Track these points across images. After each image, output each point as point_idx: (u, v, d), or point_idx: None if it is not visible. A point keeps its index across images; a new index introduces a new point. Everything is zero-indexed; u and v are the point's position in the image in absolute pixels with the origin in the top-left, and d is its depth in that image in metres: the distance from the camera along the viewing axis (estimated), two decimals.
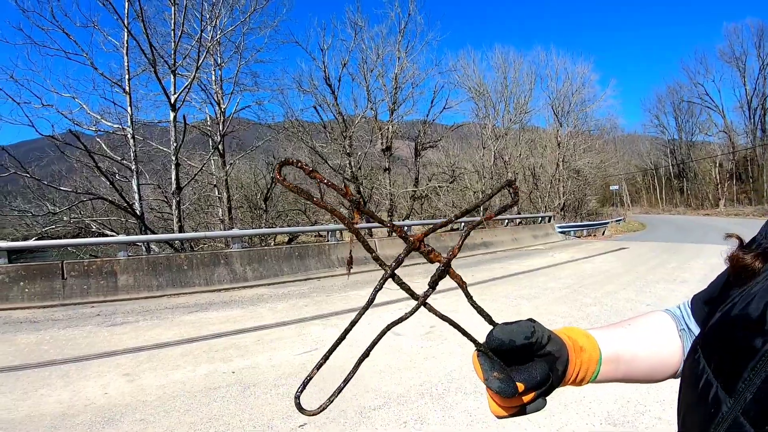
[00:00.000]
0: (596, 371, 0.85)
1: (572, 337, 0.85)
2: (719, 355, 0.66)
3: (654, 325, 0.95)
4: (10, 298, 10.02)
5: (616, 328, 0.93)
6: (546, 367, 0.76)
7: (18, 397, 5.02)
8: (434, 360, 5.77)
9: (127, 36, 17.20)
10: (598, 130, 50.75)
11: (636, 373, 0.91)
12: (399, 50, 29.44)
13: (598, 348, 0.86)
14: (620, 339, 0.91)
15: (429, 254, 0.68)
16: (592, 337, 0.87)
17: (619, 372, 0.89)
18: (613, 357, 0.88)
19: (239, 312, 8.89)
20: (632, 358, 0.89)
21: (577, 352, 0.83)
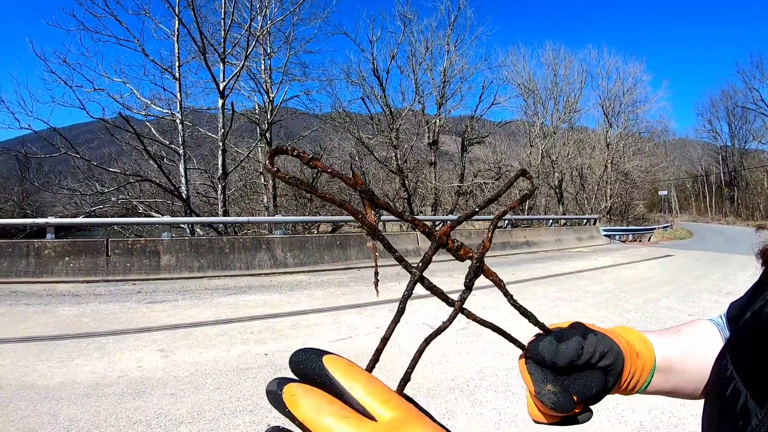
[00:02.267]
0: (648, 381, 0.78)
1: (629, 341, 0.77)
2: (750, 360, 0.58)
3: (702, 335, 0.86)
4: (55, 272, 10.29)
5: (670, 335, 0.85)
6: (602, 379, 0.70)
7: (54, 365, 5.13)
8: (467, 356, 5.70)
9: (178, 24, 17.45)
10: (648, 133, 49.61)
11: (685, 385, 0.83)
12: (448, 44, 29.27)
13: (654, 355, 0.79)
14: (673, 347, 0.83)
15: (458, 251, 0.59)
16: (650, 343, 0.80)
17: (668, 383, 0.81)
18: (665, 365, 0.80)
19: (277, 297, 8.94)
20: (683, 369, 0.82)
21: (633, 358, 0.75)
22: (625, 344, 0.75)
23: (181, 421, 3.91)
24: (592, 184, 40.87)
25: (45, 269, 10.34)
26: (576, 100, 39.64)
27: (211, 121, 21.90)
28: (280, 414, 0.41)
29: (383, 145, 29.26)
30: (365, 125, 29.79)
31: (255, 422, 3.90)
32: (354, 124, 28.72)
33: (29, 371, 4.98)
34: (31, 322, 6.89)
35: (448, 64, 29.25)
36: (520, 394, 4.54)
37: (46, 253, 10.55)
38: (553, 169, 36.99)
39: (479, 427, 3.89)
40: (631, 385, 0.76)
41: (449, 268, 12.54)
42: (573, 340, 0.69)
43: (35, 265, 10.35)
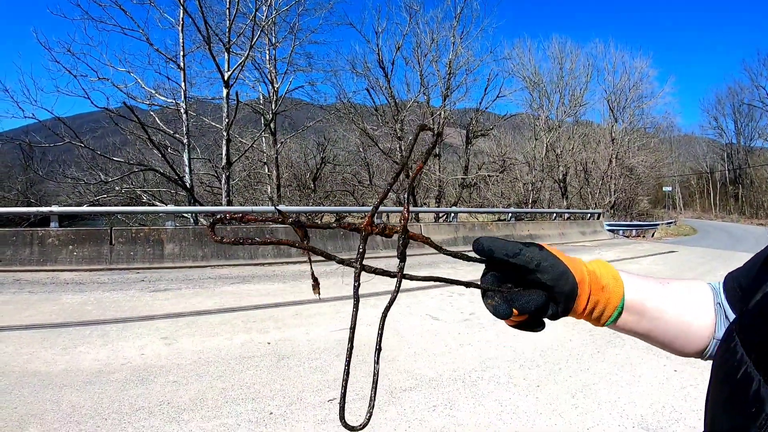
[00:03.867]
0: (614, 315, 0.80)
1: (595, 273, 0.80)
2: (763, 341, 0.56)
3: (691, 292, 0.86)
4: (59, 260, 10.31)
5: (651, 281, 0.86)
6: (543, 296, 0.74)
7: (57, 353, 5.15)
8: (470, 347, 5.70)
9: (182, 13, 17.44)
10: (653, 128, 49.40)
11: (659, 333, 0.84)
12: (454, 36, 29.14)
13: (622, 292, 0.80)
14: (651, 292, 0.83)
15: (384, 231, 0.68)
16: (621, 281, 0.81)
17: (641, 326, 0.83)
18: (638, 307, 0.81)
19: (280, 286, 8.95)
20: (659, 316, 0.82)
21: (596, 289, 0.78)
22: (586, 273, 0.78)
23: (183, 408, 3.91)
24: (597, 179, 40.79)
25: (49, 258, 10.36)
26: (581, 94, 39.51)
27: (215, 111, 21.89)
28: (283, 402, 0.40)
29: (388, 137, 29.22)
30: (370, 116, 29.74)
31: (257, 410, 3.90)
32: (359, 116, 28.69)
33: (32, 358, 4.99)
34: (35, 310, 6.91)
35: (453, 56, 29.14)
36: (522, 386, 4.54)
37: (50, 241, 10.57)
38: (557, 163, 36.91)
39: (481, 419, 3.89)
40: (595, 314, 0.80)
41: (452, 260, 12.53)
42: (514, 243, 0.74)
43: (39, 254, 10.37)
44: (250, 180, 28.60)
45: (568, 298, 0.75)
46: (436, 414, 3.94)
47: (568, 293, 0.75)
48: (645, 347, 5.76)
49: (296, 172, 30.53)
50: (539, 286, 0.74)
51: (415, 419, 3.83)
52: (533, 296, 0.74)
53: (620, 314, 0.81)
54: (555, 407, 4.09)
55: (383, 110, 29.46)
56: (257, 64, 23.35)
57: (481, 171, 34.13)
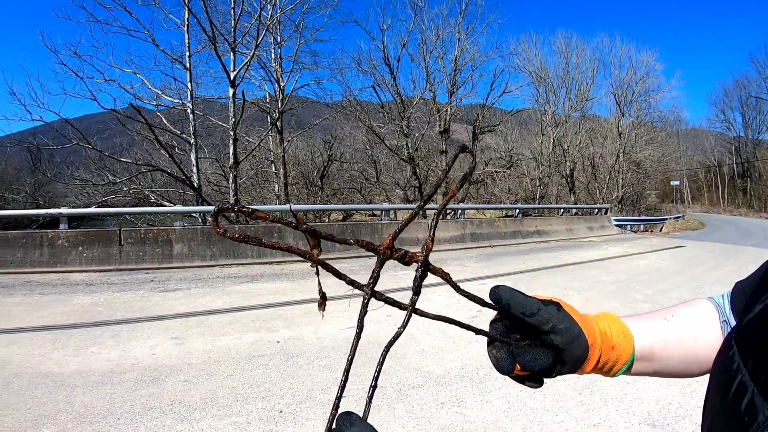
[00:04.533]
0: (624, 369, 0.81)
1: (606, 334, 0.80)
2: (759, 353, 0.57)
3: (696, 317, 0.88)
4: (69, 261, 10.39)
5: (656, 320, 0.88)
6: (551, 358, 0.74)
7: (69, 354, 5.21)
8: (477, 344, 5.71)
9: (187, 14, 17.45)
10: (661, 123, 49.14)
11: (670, 370, 0.86)
12: (459, 32, 29.06)
13: (632, 348, 0.81)
14: (658, 336, 0.85)
15: (404, 258, 0.64)
16: (630, 337, 0.82)
17: (651, 369, 0.85)
18: (647, 354, 0.83)
19: (289, 284, 9.00)
20: (667, 356, 0.84)
21: (607, 349, 0.79)
22: (598, 335, 0.78)
23: (194, 407, 3.96)
24: (604, 174, 40.64)
25: (59, 259, 10.44)
26: (588, 88, 39.39)
27: (222, 110, 21.95)
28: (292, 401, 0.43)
29: (394, 134, 29.19)
30: (376, 114, 29.69)
31: (267, 408, 3.95)
32: (365, 113, 28.65)
33: (45, 359, 5.06)
34: (46, 311, 6.98)
35: (459, 52, 29.08)
36: None
37: (60, 243, 10.66)
38: (564, 158, 36.81)
39: (488, 415, 3.92)
40: (605, 369, 0.80)
41: (460, 257, 12.57)
42: (533, 300, 0.73)
43: (49, 255, 10.45)
44: (258, 179, 28.67)
45: (578, 360, 0.76)
46: (444, 411, 3.97)
47: (578, 357, 0.75)
48: None
49: (303, 170, 30.60)
50: (550, 347, 0.74)
51: (423, 416, 3.87)
52: (540, 356, 0.74)
53: (630, 368, 0.82)
54: (562, 404, 4.11)
55: (389, 107, 29.41)
56: (263, 63, 23.40)
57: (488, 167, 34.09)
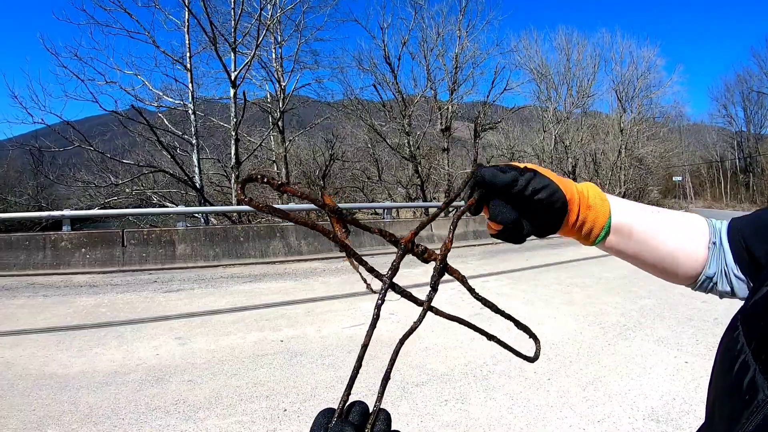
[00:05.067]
0: (602, 234, 0.87)
1: (584, 192, 0.87)
2: (762, 334, 0.57)
3: (684, 225, 0.91)
4: (72, 263, 10.42)
5: (643, 208, 0.92)
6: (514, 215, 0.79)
7: (74, 355, 5.23)
8: (481, 341, 5.68)
9: (187, 15, 17.48)
10: (662, 118, 48.92)
11: (647, 256, 0.90)
12: (460, 29, 29.02)
13: (608, 211, 0.87)
14: (640, 217, 0.90)
15: (423, 255, 0.66)
16: (607, 201, 0.88)
17: (629, 247, 0.90)
18: (626, 229, 0.88)
19: (292, 284, 9.01)
20: (646, 239, 0.88)
21: (584, 207, 0.85)
22: (576, 193, 0.85)
23: (199, 407, 3.97)
24: (606, 170, 40.56)
25: (62, 261, 10.47)
26: (589, 84, 39.25)
27: (223, 110, 21.97)
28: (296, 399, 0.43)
29: (396, 132, 29.17)
30: (377, 112, 29.68)
31: (271, 407, 3.96)
32: (366, 112, 28.64)
33: (49, 361, 5.07)
34: (50, 313, 7.00)
35: (459, 49, 29.04)
36: (533, 379, 4.57)
37: (63, 245, 10.68)
38: (566, 155, 36.76)
39: (492, 412, 3.92)
40: (584, 230, 0.87)
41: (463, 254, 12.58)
42: (511, 173, 0.77)
43: (52, 257, 10.48)
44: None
45: (558, 214, 0.82)
46: (447, 408, 3.98)
47: (557, 210, 0.81)
48: (655, 340, 5.78)
49: (305, 170, 30.61)
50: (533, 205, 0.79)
51: (427, 413, 3.87)
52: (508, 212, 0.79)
53: (608, 233, 0.88)
54: (566, 400, 4.12)
55: (391, 105, 29.40)
56: (264, 63, 23.40)
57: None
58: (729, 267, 0.84)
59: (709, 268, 0.86)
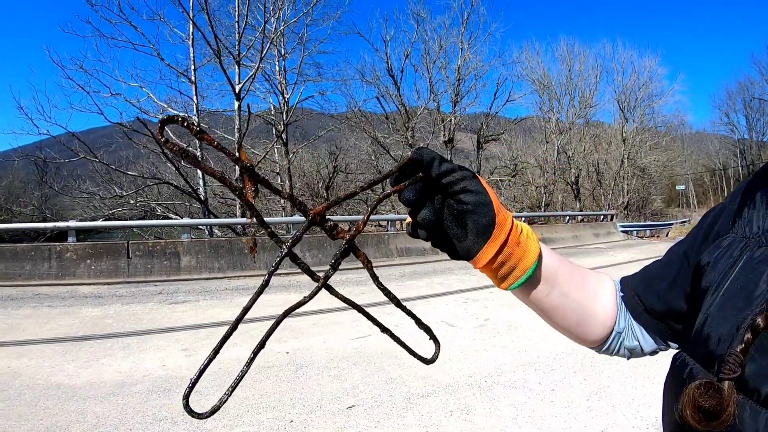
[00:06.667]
0: (523, 278, 0.78)
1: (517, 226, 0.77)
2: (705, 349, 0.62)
3: (601, 281, 0.90)
4: (77, 274, 10.47)
5: (564, 259, 0.87)
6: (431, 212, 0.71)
7: (80, 365, 5.26)
8: (485, 353, 5.74)
9: (192, 28, 17.65)
10: (665, 127, 48.97)
11: (565, 312, 0.85)
12: (462, 41, 29.24)
13: (538, 252, 0.79)
14: (565, 267, 0.85)
15: (332, 231, 0.64)
16: (538, 246, 0.79)
17: (548, 299, 0.83)
18: (551, 277, 0.82)
19: (297, 296, 9.00)
20: (567, 293, 0.83)
21: (513, 242, 0.75)
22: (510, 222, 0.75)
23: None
24: (609, 180, 40.53)
25: (67, 272, 10.52)
26: (591, 95, 39.36)
27: (227, 122, 22.11)
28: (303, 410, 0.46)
29: (399, 144, 29.30)
30: (381, 124, 29.84)
31: (278, 418, 3.98)
32: (369, 124, 28.79)
33: (56, 371, 5.10)
34: (56, 324, 7.03)
35: (462, 61, 29.21)
36: (537, 390, 4.58)
37: (68, 255, 10.73)
38: (569, 165, 36.78)
39: (497, 423, 3.94)
40: (504, 269, 0.77)
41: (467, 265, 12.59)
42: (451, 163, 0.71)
43: (57, 268, 10.53)
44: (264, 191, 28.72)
45: (481, 232, 0.72)
46: (453, 419, 3.99)
47: (482, 227, 0.72)
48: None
49: (309, 182, 30.69)
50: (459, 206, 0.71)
51: (432, 424, 3.89)
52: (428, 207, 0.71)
53: (530, 277, 0.78)
54: (570, 410, 4.13)
55: (394, 118, 29.56)
56: (267, 76, 23.58)
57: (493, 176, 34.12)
58: (633, 322, 0.87)
59: (619, 323, 0.87)
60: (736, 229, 0.71)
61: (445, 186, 0.70)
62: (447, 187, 0.70)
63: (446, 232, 0.75)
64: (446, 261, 14.15)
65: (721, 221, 0.75)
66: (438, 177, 0.69)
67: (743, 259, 0.65)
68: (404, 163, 0.68)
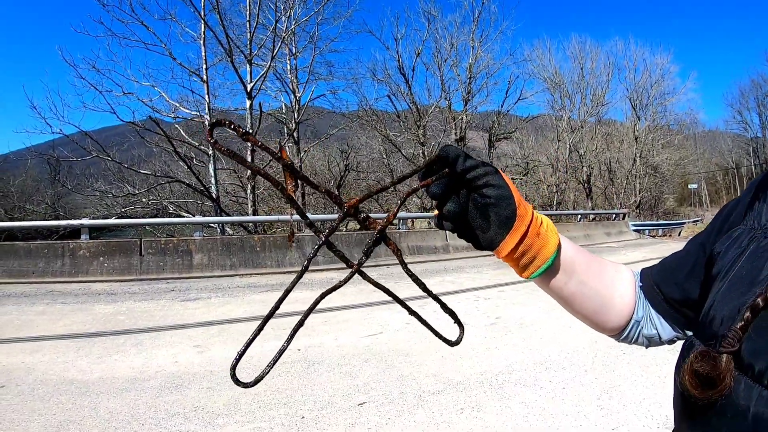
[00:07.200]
0: (544, 267, 0.82)
1: (538, 218, 0.82)
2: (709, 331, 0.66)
3: (618, 271, 0.94)
4: (90, 271, 10.54)
5: (582, 249, 0.91)
6: (456, 205, 0.77)
7: (93, 361, 5.30)
8: (496, 350, 5.74)
9: (204, 27, 17.71)
10: (677, 125, 48.65)
11: (584, 300, 0.89)
12: (473, 40, 29.18)
13: (558, 243, 0.83)
14: (582, 257, 0.89)
15: (365, 222, 0.70)
16: (557, 235, 0.84)
17: (567, 288, 0.87)
18: (569, 267, 0.86)
19: (308, 294, 8.95)
20: (586, 281, 0.88)
21: (533, 233, 0.80)
22: (531, 214, 0.80)
23: (218, 413, 4.02)
24: (621, 179, 40.38)
25: (80, 269, 10.59)
26: (603, 93, 39.14)
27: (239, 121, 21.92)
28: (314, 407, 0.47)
29: (410, 143, 29.32)
30: (392, 123, 29.83)
31: (290, 414, 4.00)
32: (381, 122, 28.79)
33: (69, 367, 5.15)
34: (69, 320, 7.09)
35: (473, 60, 29.16)
36: (548, 388, 4.58)
37: (81, 253, 10.81)
38: (581, 164, 36.64)
39: (507, 420, 3.94)
40: (524, 259, 0.81)
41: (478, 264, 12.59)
42: (475, 159, 0.76)
43: (70, 265, 10.61)
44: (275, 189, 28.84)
45: (503, 224, 0.77)
46: (463, 416, 3.99)
47: (504, 219, 0.76)
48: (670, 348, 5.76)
49: (320, 180, 30.71)
50: (482, 199, 0.76)
51: (443, 422, 3.90)
52: (454, 199, 0.76)
53: (550, 267, 0.83)
54: (580, 409, 4.12)
55: (405, 116, 29.54)
56: (279, 74, 23.60)
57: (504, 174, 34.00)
58: (651, 311, 0.90)
59: (638, 312, 0.90)
60: (746, 221, 0.75)
61: (470, 181, 0.75)
62: (471, 182, 0.75)
63: (470, 224, 0.80)
64: (457, 259, 14.16)
65: (735, 214, 0.80)
66: (463, 172, 0.74)
67: (750, 249, 0.69)
68: (431, 160, 0.74)
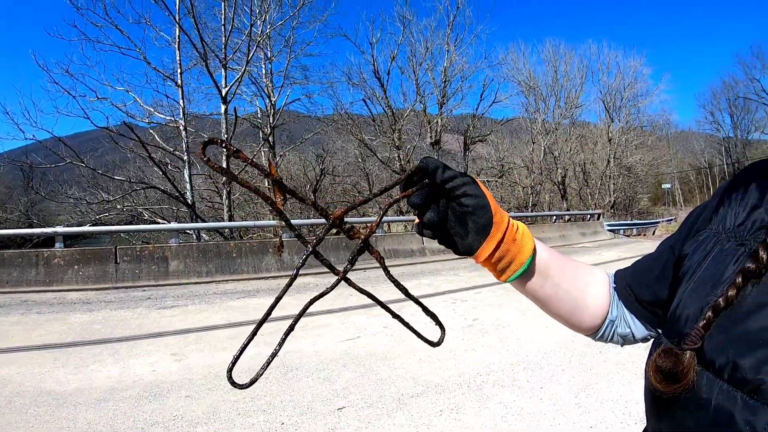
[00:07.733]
0: (520, 271, 0.87)
1: (513, 225, 0.86)
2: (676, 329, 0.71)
3: (592, 273, 0.99)
4: (65, 280, 10.42)
5: (556, 252, 0.95)
6: (436, 214, 0.80)
7: (70, 372, 5.25)
8: (473, 352, 5.78)
9: (178, 31, 17.60)
10: (650, 127, 49.26)
11: (559, 301, 0.93)
12: (448, 43, 29.38)
13: (533, 248, 0.87)
14: (557, 260, 0.93)
15: (349, 232, 0.74)
16: (532, 241, 0.88)
17: (543, 290, 0.91)
18: (543, 270, 0.90)
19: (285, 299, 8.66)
20: (560, 284, 0.92)
21: (509, 239, 0.84)
22: (505, 220, 0.83)
23: (197, 422, 4.01)
24: (596, 180, 40.75)
25: (55, 278, 10.47)
26: (577, 95, 39.60)
27: (214, 126, 22.04)
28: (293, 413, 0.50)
29: (386, 146, 29.38)
30: (367, 127, 29.89)
31: (269, 421, 4.00)
32: (356, 126, 28.83)
33: (45, 378, 5.09)
34: (44, 330, 7.01)
35: (448, 63, 29.34)
36: (526, 388, 4.63)
37: (56, 262, 10.68)
38: (555, 166, 36.94)
39: (487, 421, 3.98)
40: (501, 264, 0.86)
41: (455, 266, 12.65)
42: (453, 170, 0.80)
43: (45, 274, 10.47)
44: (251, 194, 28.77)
45: (481, 231, 0.81)
46: (443, 418, 4.03)
47: (481, 227, 0.80)
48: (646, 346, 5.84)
49: (296, 185, 30.63)
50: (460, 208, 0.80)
51: (423, 424, 3.93)
52: (433, 208, 0.80)
53: (526, 271, 0.87)
54: (558, 407, 4.18)
55: (380, 120, 29.61)
56: (254, 79, 23.52)
57: (479, 177, 34.19)
58: (625, 311, 0.94)
59: (612, 312, 0.94)
60: (712, 225, 0.78)
61: (449, 191, 0.79)
62: (450, 192, 0.79)
63: (449, 231, 0.84)
64: (434, 262, 14.21)
65: (702, 218, 0.82)
66: (442, 183, 0.79)
67: (715, 252, 0.73)
68: (412, 172, 0.79)
